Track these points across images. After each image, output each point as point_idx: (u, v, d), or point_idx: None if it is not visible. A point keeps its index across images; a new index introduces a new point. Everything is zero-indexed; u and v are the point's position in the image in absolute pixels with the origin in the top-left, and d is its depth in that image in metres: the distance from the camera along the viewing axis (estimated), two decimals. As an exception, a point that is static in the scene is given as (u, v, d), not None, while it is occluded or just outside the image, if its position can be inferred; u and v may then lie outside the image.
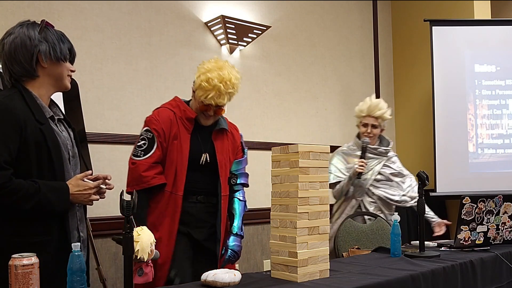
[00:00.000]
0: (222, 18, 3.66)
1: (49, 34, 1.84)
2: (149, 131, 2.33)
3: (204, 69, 2.30)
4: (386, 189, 3.27)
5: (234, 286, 1.70)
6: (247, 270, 3.80)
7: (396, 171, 3.32)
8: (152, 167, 2.29)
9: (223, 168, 2.43)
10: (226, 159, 2.47)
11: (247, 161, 2.61)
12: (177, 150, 2.33)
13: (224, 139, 2.48)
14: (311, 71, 4.46)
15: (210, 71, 2.28)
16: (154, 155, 2.30)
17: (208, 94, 2.26)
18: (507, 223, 2.55)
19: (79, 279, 1.45)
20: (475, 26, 4.48)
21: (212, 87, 2.25)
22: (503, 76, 4.46)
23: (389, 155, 3.36)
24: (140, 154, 2.30)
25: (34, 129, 1.74)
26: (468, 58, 4.48)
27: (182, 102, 2.43)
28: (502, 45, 4.46)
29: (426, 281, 1.95)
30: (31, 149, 1.72)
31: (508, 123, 4.45)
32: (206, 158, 2.39)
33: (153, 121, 2.34)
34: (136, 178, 2.27)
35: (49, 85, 1.86)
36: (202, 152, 2.39)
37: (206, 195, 2.40)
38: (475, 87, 4.47)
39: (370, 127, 3.28)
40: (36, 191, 1.69)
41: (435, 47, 4.43)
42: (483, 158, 4.43)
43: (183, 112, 2.37)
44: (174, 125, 2.34)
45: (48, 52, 1.81)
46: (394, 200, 3.25)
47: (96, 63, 3.20)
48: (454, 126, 4.42)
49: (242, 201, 2.56)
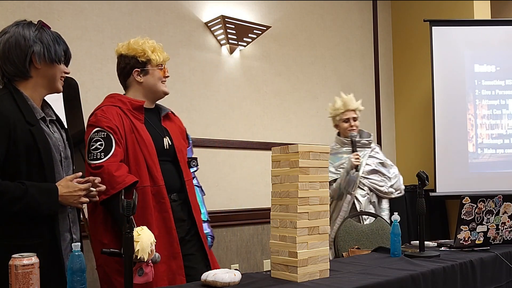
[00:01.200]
0: (222, 18, 3.66)
1: (44, 35, 1.82)
2: (102, 130, 2.13)
3: (133, 45, 2.32)
4: (376, 181, 3.34)
5: (234, 286, 1.70)
6: (247, 270, 3.80)
7: (381, 161, 3.39)
8: (121, 166, 2.10)
9: (181, 152, 2.37)
10: (181, 143, 2.42)
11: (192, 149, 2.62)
12: (139, 142, 2.19)
13: (172, 124, 2.44)
14: (311, 71, 4.46)
15: (138, 43, 2.32)
16: (116, 153, 2.11)
17: (158, 53, 2.30)
18: (507, 223, 2.55)
19: (79, 279, 1.45)
20: (475, 26, 4.48)
21: (155, 46, 2.32)
22: (503, 76, 4.46)
23: (372, 146, 3.45)
24: (100, 156, 2.08)
25: (24, 130, 1.72)
26: (468, 58, 4.48)
27: (120, 95, 2.33)
28: (502, 45, 4.47)
29: (426, 281, 1.95)
30: (20, 151, 1.70)
31: (508, 123, 4.45)
32: (168, 142, 2.32)
33: (102, 120, 2.15)
34: (108, 181, 2.01)
35: (41, 87, 1.84)
36: (162, 137, 2.32)
37: (178, 193, 2.32)
38: (475, 87, 4.47)
39: (352, 120, 3.36)
40: (23, 193, 1.66)
41: (435, 47, 4.44)
42: (483, 158, 4.43)
43: (128, 104, 2.24)
44: (125, 119, 2.20)
45: (42, 53, 1.80)
46: (382, 192, 3.34)
47: (96, 63, 3.20)
48: (454, 126, 4.42)
49: (199, 187, 2.56)
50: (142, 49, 2.29)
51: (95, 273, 2.82)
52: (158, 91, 2.35)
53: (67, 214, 1.85)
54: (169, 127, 2.40)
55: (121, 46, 2.35)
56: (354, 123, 3.37)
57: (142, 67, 2.31)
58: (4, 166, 1.69)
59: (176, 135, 2.40)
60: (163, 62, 2.34)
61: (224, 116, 3.85)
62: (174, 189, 2.31)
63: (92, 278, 2.88)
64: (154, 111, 2.40)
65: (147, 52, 2.29)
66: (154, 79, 2.32)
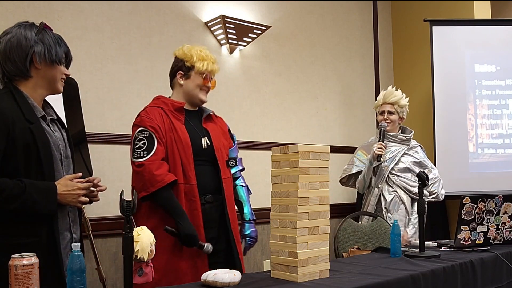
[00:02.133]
0: (222, 18, 3.66)
1: (46, 36, 1.83)
2: (145, 130, 2.27)
3: (185, 50, 2.42)
4: (407, 180, 3.28)
5: (234, 286, 1.70)
6: (247, 270, 3.80)
7: (418, 161, 3.34)
8: (162, 164, 2.23)
9: (220, 152, 2.43)
10: (221, 143, 2.48)
11: (238, 149, 2.65)
12: (176, 141, 2.29)
13: (213, 125, 2.52)
14: (311, 71, 4.46)
15: (190, 49, 2.42)
16: (157, 151, 2.24)
17: (205, 63, 2.37)
18: (507, 223, 2.55)
19: (79, 279, 1.45)
20: (475, 26, 4.47)
21: (205, 56, 2.39)
22: (503, 76, 4.46)
23: (412, 144, 3.41)
24: (143, 155, 2.22)
25: (23, 128, 1.73)
26: (468, 58, 4.48)
27: (164, 97, 2.44)
28: (502, 45, 4.46)
29: (426, 281, 1.95)
30: (19, 149, 1.71)
31: (508, 123, 4.45)
32: (206, 142, 2.40)
33: (145, 120, 2.29)
34: (148, 180, 2.18)
35: (41, 87, 1.85)
36: (201, 137, 2.40)
37: (213, 194, 2.38)
38: (475, 87, 4.46)
39: (386, 114, 3.37)
40: (21, 191, 1.67)
41: (435, 47, 4.43)
42: (483, 158, 4.43)
43: (170, 105, 2.37)
44: (166, 119, 2.32)
45: (43, 54, 1.81)
46: (413, 193, 3.26)
47: (96, 63, 3.20)
48: (454, 126, 4.42)
49: (244, 187, 2.62)
50: (191, 54, 2.40)
51: (95, 273, 2.82)
52: (195, 97, 2.44)
53: (67, 212, 1.86)
54: (210, 128, 2.48)
55: (178, 49, 2.47)
56: (388, 116, 3.37)
57: (186, 71, 2.42)
58: (2, 163, 1.70)
59: (217, 135, 2.48)
60: (207, 72, 2.42)
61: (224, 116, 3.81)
62: (209, 190, 2.37)
63: (92, 278, 2.88)
64: (196, 112, 2.50)
65: (193, 58, 2.39)
66: (193, 84, 2.42)
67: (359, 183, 3.34)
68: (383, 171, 3.25)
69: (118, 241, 3.14)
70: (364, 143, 3.59)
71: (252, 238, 2.55)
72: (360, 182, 3.33)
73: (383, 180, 3.26)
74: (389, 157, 3.29)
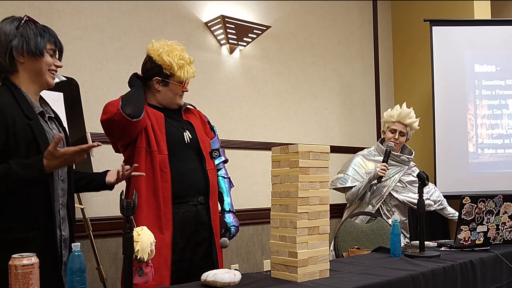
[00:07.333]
0: (222, 18, 3.66)
1: (27, 29, 1.81)
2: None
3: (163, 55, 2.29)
4: (408, 193, 3.28)
5: (234, 286, 1.70)
6: (247, 270, 3.80)
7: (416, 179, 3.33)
8: None
9: (203, 143, 2.40)
10: (204, 135, 2.45)
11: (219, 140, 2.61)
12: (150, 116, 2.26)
13: (194, 117, 2.47)
14: (311, 71, 4.46)
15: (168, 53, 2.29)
16: None
17: (185, 70, 2.29)
18: (507, 223, 2.55)
19: (79, 279, 1.45)
20: (475, 26, 4.47)
21: (184, 61, 2.30)
22: (503, 76, 4.46)
23: (410, 164, 3.37)
24: None
25: (23, 124, 1.74)
26: (468, 58, 4.48)
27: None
28: (502, 45, 4.46)
29: (426, 281, 1.95)
30: (20, 144, 1.72)
31: (508, 123, 4.45)
32: (188, 135, 2.35)
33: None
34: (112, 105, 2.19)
35: (31, 82, 1.84)
36: (182, 132, 2.35)
37: (205, 195, 2.35)
38: (475, 87, 4.46)
39: (398, 134, 3.27)
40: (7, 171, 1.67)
41: (435, 47, 4.43)
42: (483, 158, 4.43)
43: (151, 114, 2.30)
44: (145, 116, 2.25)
45: (20, 47, 1.78)
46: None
47: (96, 63, 3.20)
48: (454, 126, 4.42)
49: (226, 178, 2.56)
50: (170, 62, 2.28)
51: (95, 273, 2.82)
52: (172, 104, 2.39)
53: (57, 210, 1.85)
54: (192, 120, 2.44)
55: (152, 49, 2.34)
56: (398, 137, 3.27)
57: (164, 77, 2.32)
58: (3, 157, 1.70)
59: (199, 127, 2.44)
60: (187, 78, 2.34)
61: (224, 116, 3.85)
62: (202, 191, 2.34)
63: (92, 278, 2.88)
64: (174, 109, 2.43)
65: (173, 68, 2.29)
66: (172, 93, 2.35)
67: (350, 195, 3.25)
68: (382, 191, 3.23)
69: (118, 241, 3.14)
70: (363, 151, 3.46)
71: (236, 227, 2.50)
72: (352, 195, 3.24)
73: (380, 200, 3.25)
74: (389, 177, 3.25)
